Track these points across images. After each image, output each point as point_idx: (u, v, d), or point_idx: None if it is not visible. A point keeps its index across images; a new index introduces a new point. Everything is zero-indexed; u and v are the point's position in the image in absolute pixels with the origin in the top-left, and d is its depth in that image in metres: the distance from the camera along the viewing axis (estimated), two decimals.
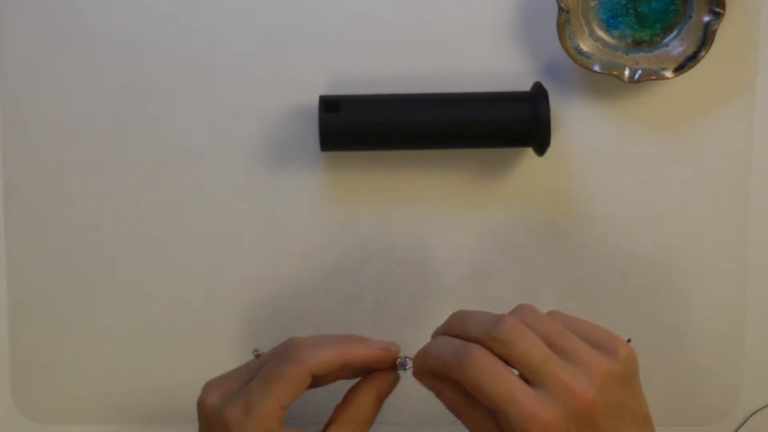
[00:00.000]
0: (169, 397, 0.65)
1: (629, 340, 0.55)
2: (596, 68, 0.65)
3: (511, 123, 0.64)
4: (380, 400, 0.58)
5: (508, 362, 0.53)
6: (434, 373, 0.56)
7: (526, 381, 0.53)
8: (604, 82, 0.66)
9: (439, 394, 0.57)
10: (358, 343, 0.57)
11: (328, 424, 0.57)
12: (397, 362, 0.58)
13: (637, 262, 0.68)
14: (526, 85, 0.66)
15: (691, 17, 0.65)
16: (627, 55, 0.66)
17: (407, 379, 0.69)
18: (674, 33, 0.65)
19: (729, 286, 0.68)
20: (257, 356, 0.59)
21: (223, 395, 0.56)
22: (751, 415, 0.69)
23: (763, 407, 0.69)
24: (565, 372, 0.53)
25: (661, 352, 0.69)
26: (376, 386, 0.58)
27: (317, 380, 0.56)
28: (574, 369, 0.53)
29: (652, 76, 0.65)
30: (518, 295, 0.68)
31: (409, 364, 0.57)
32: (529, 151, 0.66)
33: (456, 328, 0.56)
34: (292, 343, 0.57)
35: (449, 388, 0.56)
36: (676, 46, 0.65)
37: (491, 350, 0.53)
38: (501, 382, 0.52)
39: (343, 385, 0.67)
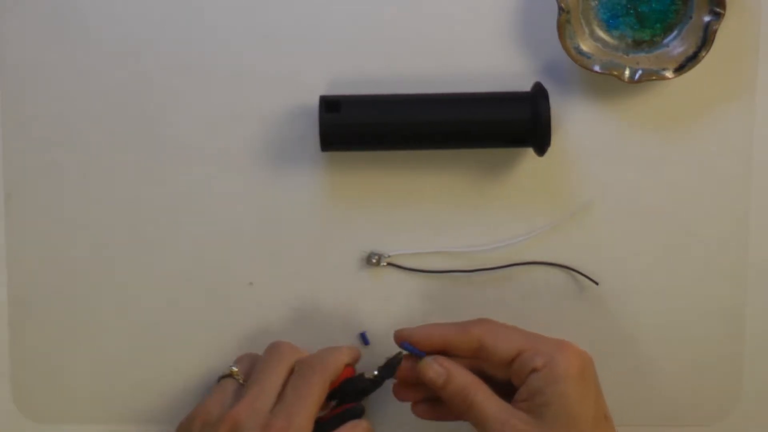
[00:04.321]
0: (170, 397, 0.65)
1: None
2: (596, 68, 0.65)
3: (511, 123, 0.64)
4: None
5: None
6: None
7: None
8: (605, 82, 0.66)
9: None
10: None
11: None
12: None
13: (638, 262, 0.68)
14: (526, 85, 0.66)
15: (691, 17, 0.65)
16: (627, 55, 0.65)
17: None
18: (674, 33, 0.65)
19: (729, 286, 0.68)
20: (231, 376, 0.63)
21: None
22: None
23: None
24: None
25: (662, 351, 0.69)
26: None
27: None
28: None
29: (652, 76, 0.65)
30: (518, 295, 0.68)
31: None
32: (529, 151, 0.66)
33: None
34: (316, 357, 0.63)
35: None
36: (677, 46, 0.65)
37: None
38: None
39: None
